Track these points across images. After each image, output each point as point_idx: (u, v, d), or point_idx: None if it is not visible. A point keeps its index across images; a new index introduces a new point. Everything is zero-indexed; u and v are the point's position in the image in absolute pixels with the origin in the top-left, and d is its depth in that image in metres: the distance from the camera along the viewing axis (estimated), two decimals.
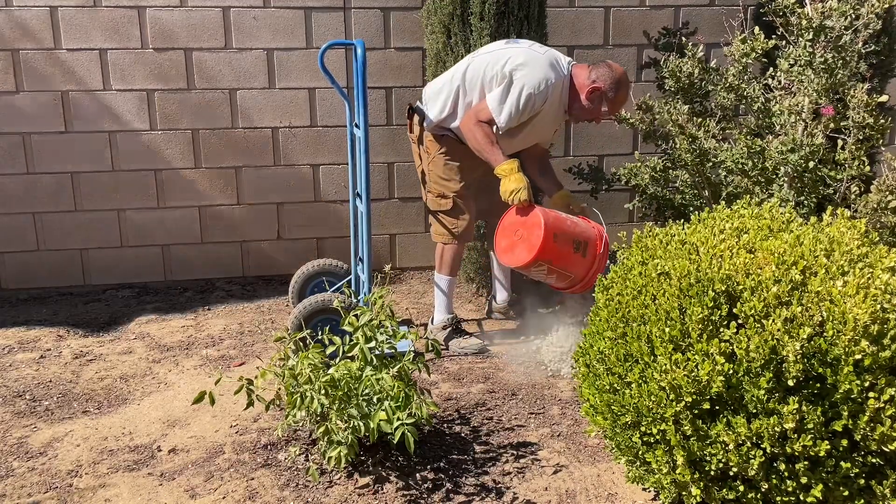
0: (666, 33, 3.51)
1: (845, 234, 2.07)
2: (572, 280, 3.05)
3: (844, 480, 1.79)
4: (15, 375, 3.13)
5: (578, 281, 3.05)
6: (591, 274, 3.01)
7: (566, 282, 3.07)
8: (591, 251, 3.00)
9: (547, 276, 3.05)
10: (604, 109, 3.11)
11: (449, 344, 3.34)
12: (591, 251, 3.00)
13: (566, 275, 3.02)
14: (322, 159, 4.16)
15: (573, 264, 3.00)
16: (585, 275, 3.02)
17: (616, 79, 3.07)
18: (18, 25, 3.76)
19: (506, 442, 2.60)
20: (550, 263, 2.97)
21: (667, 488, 1.98)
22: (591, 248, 3.00)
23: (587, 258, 3.00)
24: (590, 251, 3.00)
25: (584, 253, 3.00)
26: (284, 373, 2.42)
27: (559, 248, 2.95)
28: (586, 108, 3.11)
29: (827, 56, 2.78)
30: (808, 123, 2.88)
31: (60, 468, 2.46)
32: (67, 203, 4.00)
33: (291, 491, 2.32)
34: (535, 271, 3.04)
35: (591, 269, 3.01)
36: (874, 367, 1.75)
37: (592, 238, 3.03)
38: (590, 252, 3.00)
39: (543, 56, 3.07)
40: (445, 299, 3.40)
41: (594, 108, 3.11)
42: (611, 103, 3.10)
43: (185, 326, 3.65)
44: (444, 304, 3.41)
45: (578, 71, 3.12)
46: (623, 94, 3.11)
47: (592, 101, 3.09)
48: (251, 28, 3.93)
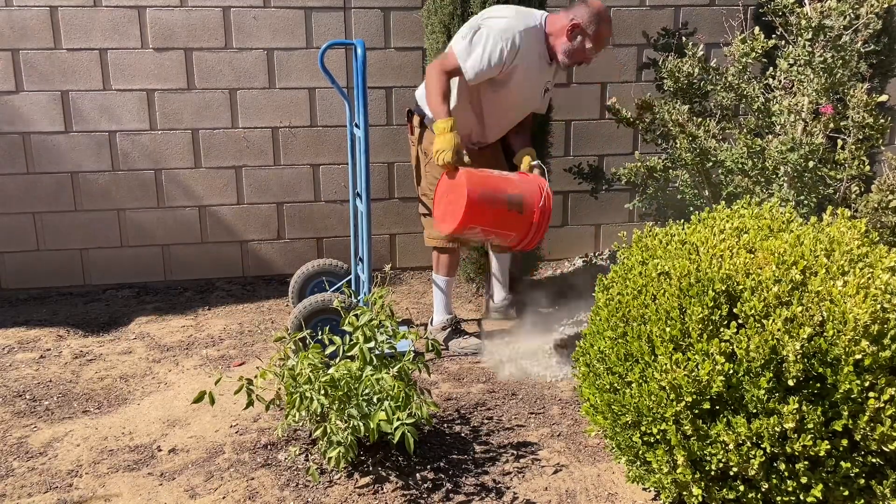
0: (665, 34, 3.51)
1: (845, 233, 2.07)
2: (514, 239, 2.97)
3: (844, 480, 1.79)
4: (15, 375, 3.13)
5: (520, 240, 2.96)
6: (532, 232, 2.92)
7: (508, 241, 3.00)
8: (528, 208, 2.89)
9: (485, 238, 3.00)
10: (588, 47, 3.05)
11: (449, 344, 3.34)
12: (529, 208, 2.89)
13: (506, 234, 2.95)
14: (322, 159, 4.16)
15: (509, 224, 2.91)
16: (527, 233, 2.93)
17: (594, 13, 3.03)
18: (18, 25, 3.76)
19: (506, 442, 2.60)
20: (484, 227, 2.89)
21: (667, 488, 1.98)
22: (529, 205, 2.89)
23: (524, 215, 2.90)
24: (527, 208, 2.89)
25: (520, 210, 2.89)
26: (284, 373, 2.42)
27: (490, 210, 2.85)
28: (570, 50, 3.04)
29: (826, 56, 2.78)
30: (807, 123, 2.88)
31: (60, 468, 2.46)
32: (67, 203, 4.00)
33: (291, 491, 2.32)
34: (471, 234, 2.96)
35: (531, 227, 2.91)
36: (874, 367, 1.75)
37: (530, 193, 2.92)
38: (527, 209, 2.89)
39: (514, 8, 3.06)
40: (444, 299, 3.40)
41: (577, 47, 3.04)
42: (593, 39, 3.04)
43: (185, 326, 3.65)
44: (442, 305, 3.40)
45: (554, 17, 3.07)
46: (604, 27, 3.06)
47: (573, 39, 3.03)
48: (251, 28, 3.93)
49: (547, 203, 2.91)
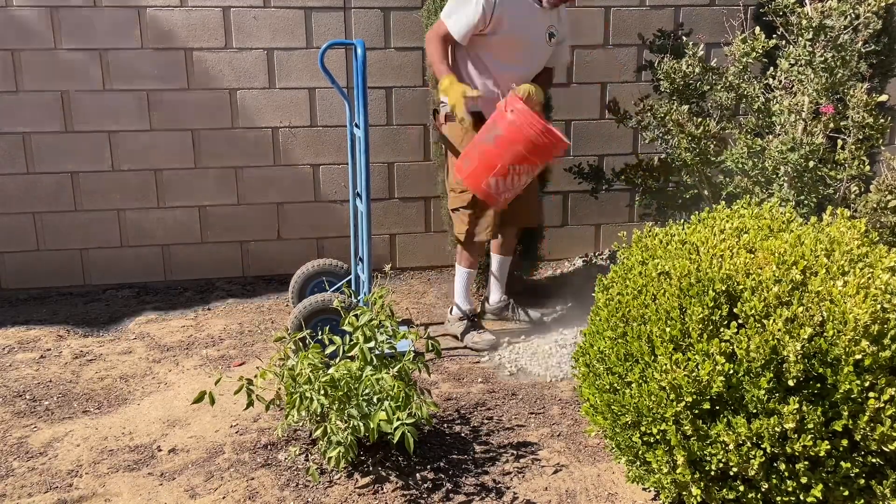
0: (661, 35, 3.51)
1: (845, 233, 2.07)
2: (499, 169, 2.98)
3: (844, 480, 1.79)
4: (15, 375, 3.13)
5: (544, 156, 2.99)
6: (503, 158, 2.94)
7: (540, 166, 3.06)
8: (519, 129, 2.90)
9: (516, 182, 3.01)
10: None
11: (464, 338, 3.36)
12: (520, 129, 2.90)
13: (531, 163, 2.97)
14: (322, 159, 4.16)
15: (482, 157, 2.99)
16: (499, 160, 2.96)
17: None
18: (18, 25, 3.75)
19: (506, 442, 2.60)
20: (502, 171, 2.95)
21: (667, 488, 1.98)
22: (499, 133, 2.93)
23: (492, 145, 2.96)
24: (517, 130, 2.90)
25: (491, 141, 2.96)
26: (284, 373, 2.42)
27: (497, 153, 2.94)
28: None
29: (827, 55, 2.78)
30: (807, 123, 2.88)
31: (60, 468, 2.46)
32: (67, 203, 4.00)
33: (291, 491, 2.32)
34: (503, 185, 3.00)
35: (501, 153, 2.94)
36: (874, 367, 1.75)
37: (496, 122, 2.95)
38: (518, 131, 2.90)
39: None
40: (463, 291, 3.40)
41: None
42: None
43: (185, 326, 3.65)
44: (462, 296, 3.41)
45: None
46: None
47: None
48: (251, 28, 3.93)
49: (517, 107, 2.90)
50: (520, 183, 3.04)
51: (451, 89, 3.00)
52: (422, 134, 4.19)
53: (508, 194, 3.06)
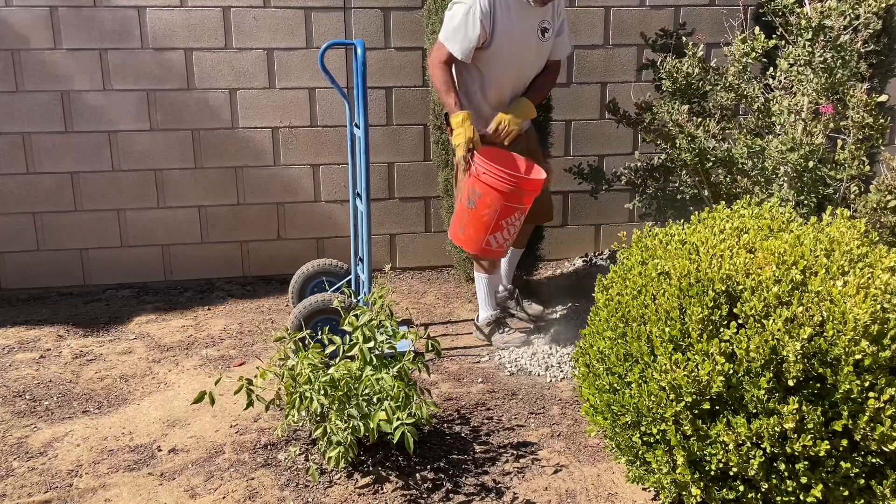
0: (663, 34, 3.51)
1: (845, 233, 2.07)
2: (526, 207, 3.05)
3: (844, 480, 1.79)
4: (15, 375, 3.13)
5: (525, 198, 3.02)
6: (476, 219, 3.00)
7: (525, 212, 3.08)
8: (489, 193, 2.95)
9: (511, 228, 3.05)
10: None
11: (492, 339, 3.37)
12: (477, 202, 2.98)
13: (513, 210, 3.00)
14: (322, 159, 4.15)
15: (472, 222, 3.04)
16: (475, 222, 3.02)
17: None
18: (18, 25, 3.75)
19: (506, 442, 2.60)
20: (495, 228, 3.00)
21: (667, 488, 1.98)
22: (486, 191, 2.96)
23: (476, 209, 3.01)
24: (487, 194, 2.96)
25: (473, 205, 3.02)
26: (284, 373, 2.42)
27: (477, 220, 3.00)
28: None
29: (826, 56, 2.78)
30: (807, 123, 2.88)
31: (60, 468, 2.46)
32: (67, 203, 4.00)
33: (291, 491, 2.32)
34: (500, 239, 3.06)
35: (474, 214, 3.00)
36: (874, 367, 1.75)
37: (477, 185, 2.98)
38: (487, 195, 2.96)
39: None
40: (486, 296, 3.39)
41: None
42: None
43: (185, 326, 3.65)
44: (485, 301, 3.40)
45: None
46: None
47: None
48: (251, 28, 3.93)
49: (478, 171, 2.95)
50: (516, 228, 3.09)
51: (463, 129, 2.99)
52: (422, 134, 4.19)
53: (510, 242, 3.13)
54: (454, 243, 3.22)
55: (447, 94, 3.04)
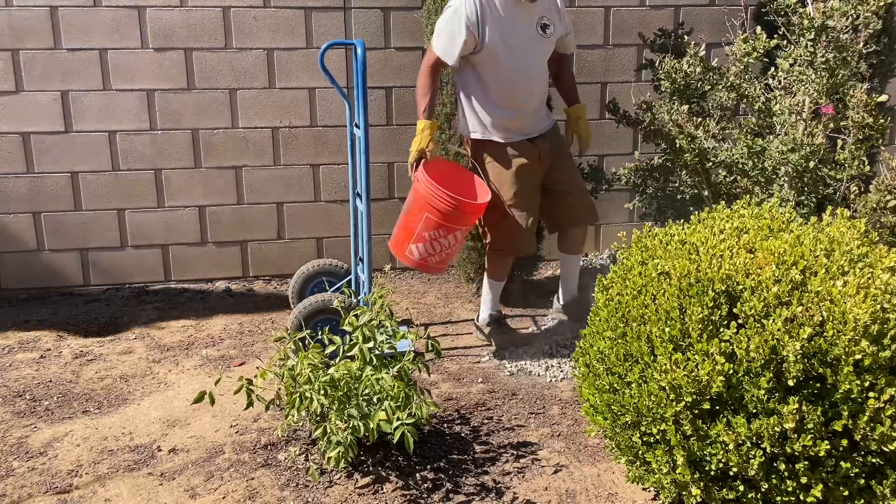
0: (661, 34, 3.51)
1: (845, 233, 2.07)
2: (470, 223, 3.04)
3: (844, 480, 1.79)
4: (15, 375, 3.13)
5: (469, 215, 2.99)
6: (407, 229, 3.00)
7: (469, 227, 3.07)
8: (423, 200, 2.94)
9: (445, 242, 3.00)
10: None
11: (493, 340, 3.35)
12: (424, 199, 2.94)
13: (450, 227, 2.97)
14: (322, 159, 4.15)
15: (403, 226, 3.04)
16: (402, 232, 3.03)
17: None
18: (18, 25, 3.75)
19: (506, 442, 2.60)
20: (423, 238, 2.98)
21: (667, 488, 1.98)
22: (422, 197, 2.94)
23: (407, 214, 3.01)
24: (420, 200, 2.95)
25: (406, 208, 3.02)
26: (284, 373, 2.42)
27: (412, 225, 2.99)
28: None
29: (828, 56, 2.78)
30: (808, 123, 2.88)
31: (60, 468, 2.46)
32: (67, 203, 4.00)
33: (291, 491, 2.32)
34: (432, 251, 3.02)
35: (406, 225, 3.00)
36: (874, 367, 1.75)
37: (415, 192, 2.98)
38: (422, 202, 2.95)
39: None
40: (489, 296, 3.36)
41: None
42: None
43: (185, 326, 3.65)
44: (487, 301, 3.36)
45: None
46: None
47: None
48: (251, 28, 3.93)
49: (422, 183, 2.94)
50: (444, 246, 3.00)
51: (419, 138, 3.00)
52: None
53: (435, 258, 3.02)
54: (390, 247, 3.18)
55: (422, 98, 3.04)
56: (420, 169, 2.98)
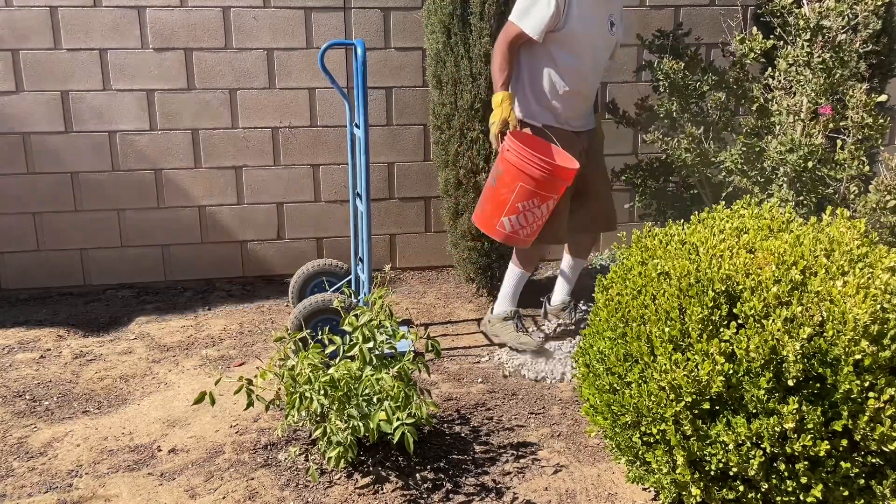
0: (660, 35, 3.51)
1: (845, 234, 2.07)
2: (558, 193, 2.97)
3: (844, 480, 1.79)
4: (15, 375, 3.13)
5: (556, 185, 2.93)
6: (500, 198, 2.94)
7: (557, 198, 2.98)
8: (498, 179, 2.92)
9: (535, 216, 2.95)
10: None
11: (507, 339, 3.30)
12: (499, 178, 2.92)
13: (545, 196, 2.92)
14: (322, 159, 4.16)
15: (491, 199, 2.98)
16: (495, 201, 2.96)
17: None
18: (18, 25, 3.75)
19: (506, 442, 2.60)
20: (515, 209, 2.92)
21: (667, 488, 1.98)
22: (512, 167, 2.89)
23: (496, 186, 2.95)
24: (498, 179, 2.92)
25: (493, 181, 2.97)
26: (284, 373, 2.42)
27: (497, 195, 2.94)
28: None
29: (825, 56, 2.78)
30: (806, 123, 2.88)
31: (60, 468, 2.46)
32: (67, 203, 4.00)
33: (291, 491, 2.32)
34: (524, 224, 2.97)
35: (497, 194, 2.94)
36: (874, 367, 1.75)
37: (504, 162, 2.91)
38: (498, 180, 2.92)
39: None
40: (510, 291, 3.33)
41: None
42: None
43: (185, 326, 3.65)
44: (507, 296, 3.33)
45: None
46: None
47: None
48: (251, 28, 3.93)
49: (509, 147, 2.89)
50: (537, 217, 2.95)
51: (500, 109, 2.94)
52: (422, 134, 4.19)
53: (527, 230, 2.98)
54: (475, 223, 3.12)
55: (500, 74, 2.98)
56: (508, 138, 2.90)
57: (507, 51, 2.99)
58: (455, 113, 3.58)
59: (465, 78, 3.52)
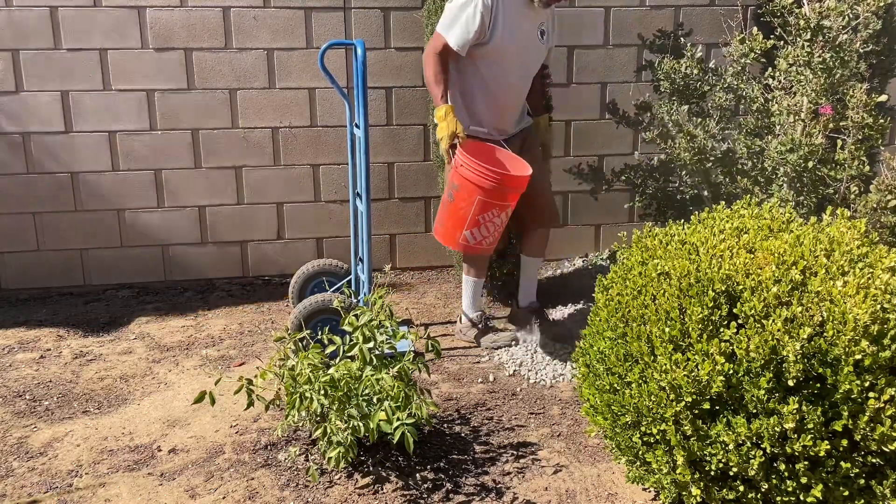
0: (661, 35, 3.52)
1: (845, 234, 2.07)
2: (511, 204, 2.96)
3: (844, 480, 1.79)
4: (15, 375, 3.13)
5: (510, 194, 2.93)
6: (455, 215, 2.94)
7: (510, 208, 2.98)
8: (469, 186, 2.88)
9: (492, 226, 2.95)
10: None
11: (480, 341, 3.34)
12: (471, 184, 2.88)
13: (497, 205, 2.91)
14: (322, 159, 4.16)
15: (451, 214, 2.97)
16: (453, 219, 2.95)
17: None
18: (18, 25, 3.75)
19: (506, 442, 2.60)
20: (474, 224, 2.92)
21: (667, 488, 1.98)
22: (470, 181, 2.87)
23: (454, 201, 2.93)
24: (465, 187, 2.89)
25: (451, 197, 2.95)
26: (284, 373, 2.42)
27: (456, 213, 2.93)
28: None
29: (825, 56, 2.78)
30: (806, 123, 2.88)
31: (60, 468, 2.46)
32: (67, 203, 4.00)
33: (291, 491, 2.32)
34: (480, 236, 2.96)
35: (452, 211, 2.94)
36: (874, 367, 1.75)
37: (458, 176, 2.90)
38: (467, 187, 2.89)
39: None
40: (470, 298, 3.36)
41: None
42: None
43: (185, 326, 3.65)
44: (469, 303, 3.37)
45: None
46: None
47: None
48: (251, 28, 3.93)
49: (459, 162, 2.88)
50: (497, 225, 2.98)
51: (446, 122, 2.93)
52: (422, 134, 4.19)
53: (489, 239, 3.00)
54: (435, 238, 3.14)
55: (436, 86, 2.98)
56: (460, 153, 2.89)
57: (437, 62, 2.99)
58: None
59: None
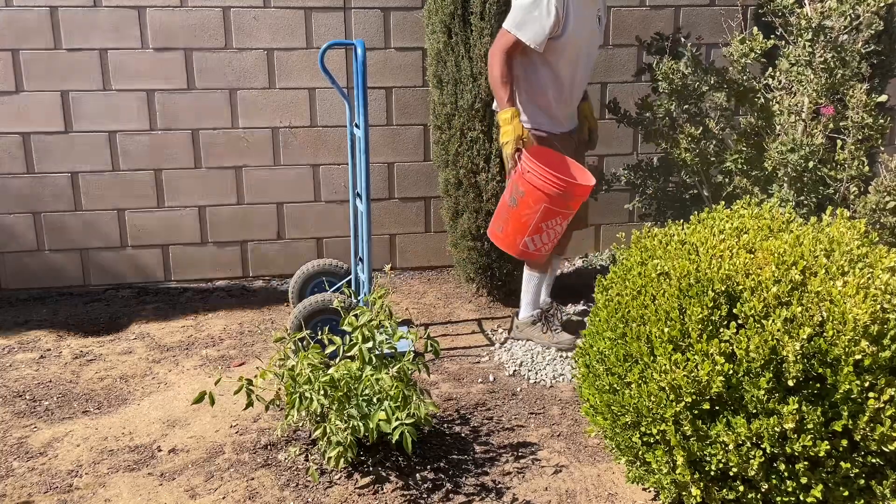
0: (658, 38, 3.51)
1: (845, 234, 2.07)
2: (574, 207, 2.94)
3: (844, 480, 1.79)
4: (15, 375, 3.13)
5: (575, 200, 2.90)
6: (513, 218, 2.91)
7: (574, 211, 2.96)
8: (520, 201, 2.87)
9: (554, 228, 2.92)
10: None
11: (539, 337, 3.30)
12: (520, 200, 2.86)
13: (561, 212, 2.89)
14: (322, 159, 4.15)
15: (512, 220, 2.93)
16: (510, 222, 2.93)
17: None
18: (18, 25, 3.75)
19: (506, 442, 2.60)
20: (536, 230, 2.89)
21: (667, 488, 1.98)
22: (534, 188, 2.84)
23: (517, 207, 2.89)
24: (531, 193, 2.85)
25: (514, 203, 2.91)
26: (284, 373, 2.42)
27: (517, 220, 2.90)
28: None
29: (826, 56, 2.78)
30: (807, 123, 2.88)
31: (60, 468, 2.46)
32: (67, 203, 4.00)
33: (291, 491, 2.32)
34: (542, 237, 2.94)
35: (514, 214, 2.90)
36: (874, 368, 1.75)
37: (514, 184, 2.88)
38: (520, 202, 2.87)
39: None
40: (531, 295, 3.32)
41: None
42: None
43: (185, 326, 3.65)
44: (529, 300, 3.33)
45: None
46: None
47: None
48: (251, 28, 3.93)
49: (524, 168, 2.84)
50: (557, 232, 2.95)
51: (511, 126, 2.88)
52: (422, 134, 4.19)
53: (548, 246, 2.98)
54: (492, 241, 3.09)
55: (503, 88, 2.90)
56: (527, 158, 2.83)
57: (504, 62, 2.92)
58: (455, 113, 3.58)
59: (465, 78, 3.52)
